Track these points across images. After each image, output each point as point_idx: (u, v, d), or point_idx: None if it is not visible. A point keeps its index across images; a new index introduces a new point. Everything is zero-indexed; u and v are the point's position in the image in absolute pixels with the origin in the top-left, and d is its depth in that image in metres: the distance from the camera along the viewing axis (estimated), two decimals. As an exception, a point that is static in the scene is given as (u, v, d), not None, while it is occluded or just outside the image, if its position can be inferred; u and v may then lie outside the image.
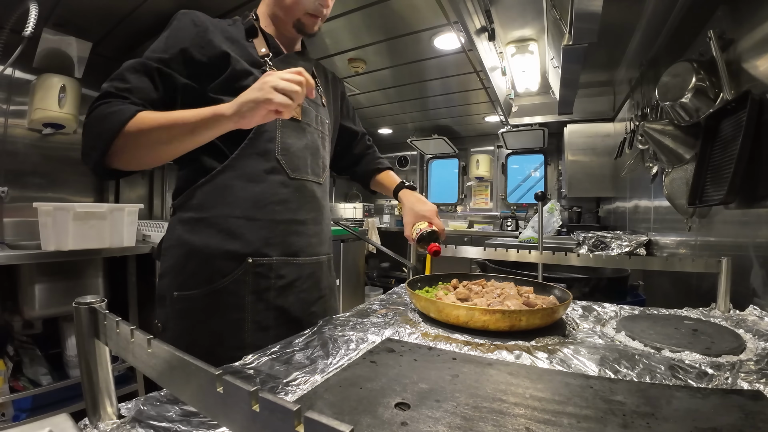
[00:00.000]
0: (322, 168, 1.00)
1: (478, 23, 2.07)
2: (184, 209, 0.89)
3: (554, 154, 4.58)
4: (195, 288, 0.85)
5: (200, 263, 0.85)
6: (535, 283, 1.00)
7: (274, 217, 0.89)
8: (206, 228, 0.86)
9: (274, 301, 0.89)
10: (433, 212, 1.07)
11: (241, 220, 0.86)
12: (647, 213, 2.16)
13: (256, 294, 0.86)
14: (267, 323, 0.88)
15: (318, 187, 0.98)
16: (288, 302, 0.91)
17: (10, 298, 1.89)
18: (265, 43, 0.92)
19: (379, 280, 4.86)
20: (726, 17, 1.24)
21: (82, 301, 0.39)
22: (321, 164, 1.00)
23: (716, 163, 1.23)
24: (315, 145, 0.97)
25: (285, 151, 0.89)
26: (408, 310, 0.92)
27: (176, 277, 0.87)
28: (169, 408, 0.45)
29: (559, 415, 0.44)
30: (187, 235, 0.87)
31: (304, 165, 0.93)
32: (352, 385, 0.51)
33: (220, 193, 0.86)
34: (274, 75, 0.68)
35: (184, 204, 0.89)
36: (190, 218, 0.87)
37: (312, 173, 0.96)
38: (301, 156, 0.93)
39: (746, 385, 0.52)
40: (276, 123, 0.88)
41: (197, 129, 0.72)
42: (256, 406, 0.23)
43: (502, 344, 0.68)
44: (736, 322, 0.82)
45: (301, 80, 0.68)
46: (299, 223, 0.93)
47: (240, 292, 0.85)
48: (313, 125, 0.98)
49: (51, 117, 2.17)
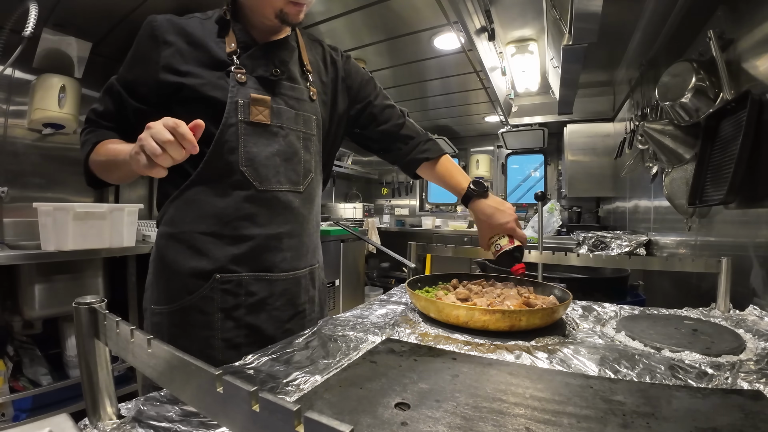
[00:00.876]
0: (302, 174, 0.91)
1: (478, 23, 2.07)
2: (162, 223, 0.88)
3: (554, 154, 4.58)
4: (166, 303, 0.84)
5: (170, 279, 0.84)
6: (535, 283, 1.00)
7: (241, 232, 0.84)
8: (176, 243, 0.85)
9: (244, 319, 0.85)
10: (513, 221, 0.95)
11: (207, 236, 0.83)
12: (647, 213, 2.17)
13: (225, 312, 0.83)
14: (238, 341, 0.84)
15: (296, 197, 0.90)
16: (260, 320, 0.86)
17: (10, 298, 1.89)
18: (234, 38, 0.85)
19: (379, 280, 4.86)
20: (726, 17, 1.24)
21: (82, 301, 0.39)
22: (300, 170, 0.91)
23: (716, 163, 1.23)
24: (291, 149, 0.88)
25: (249, 162, 0.83)
26: (408, 310, 0.92)
27: (153, 292, 0.87)
28: (169, 408, 0.45)
29: (559, 415, 0.44)
30: (162, 250, 0.87)
31: (274, 174, 0.86)
32: (352, 385, 0.51)
33: (188, 207, 0.84)
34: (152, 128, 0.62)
35: (161, 218, 0.88)
36: (164, 233, 0.87)
37: (287, 181, 0.88)
38: (269, 165, 0.85)
39: (746, 385, 0.52)
40: (238, 130, 0.82)
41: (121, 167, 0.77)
42: (256, 406, 0.23)
43: (502, 344, 0.68)
44: (736, 322, 0.82)
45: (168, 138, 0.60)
46: (271, 237, 0.87)
47: (207, 310, 0.83)
48: (289, 126, 0.88)
49: (51, 117, 2.17)
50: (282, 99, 0.88)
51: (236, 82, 0.82)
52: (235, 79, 0.82)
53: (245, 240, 0.84)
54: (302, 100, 0.91)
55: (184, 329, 0.83)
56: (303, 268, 0.94)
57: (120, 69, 0.87)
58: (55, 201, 2.08)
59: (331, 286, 3.40)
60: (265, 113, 0.84)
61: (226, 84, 0.82)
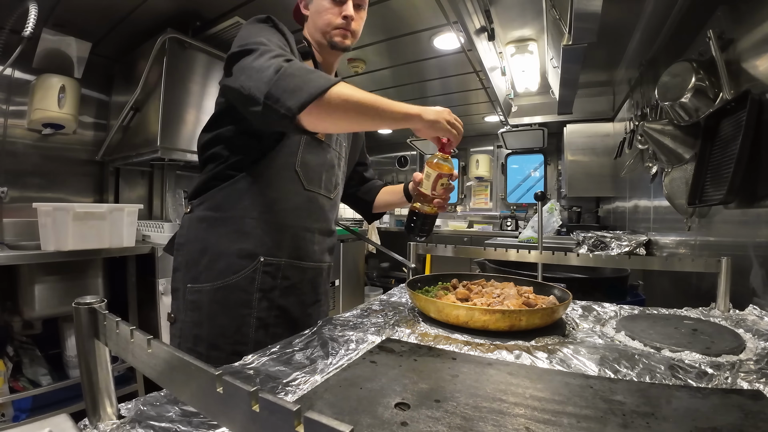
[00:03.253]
0: (334, 185, 1.07)
1: (477, 23, 2.07)
2: (202, 208, 0.95)
3: (554, 154, 4.58)
4: (207, 282, 0.90)
5: (213, 259, 0.91)
6: (534, 283, 1.00)
7: (286, 221, 0.95)
8: (222, 227, 0.92)
9: (277, 301, 0.94)
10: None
11: (256, 221, 0.92)
12: (647, 213, 2.17)
13: (263, 292, 0.92)
14: (268, 321, 0.93)
15: (327, 202, 1.05)
16: (289, 302, 0.97)
17: (9, 299, 1.89)
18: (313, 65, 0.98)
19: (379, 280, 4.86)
20: (725, 17, 1.24)
21: (82, 301, 0.39)
22: (334, 181, 1.07)
23: (716, 163, 1.23)
24: (331, 163, 1.04)
25: (304, 165, 0.96)
26: (408, 310, 0.92)
27: (189, 271, 0.93)
28: (169, 408, 0.45)
29: (558, 415, 0.44)
30: (203, 233, 0.93)
31: (318, 179, 1.00)
32: (352, 385, 0.51)
33: (239, 196, 0.92)
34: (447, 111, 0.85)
35: (202, 204, 0.95)
36: (208, 217, 0.93)
37: (324, 188, 1.03)
38: (317, 171, 1.00)
39: (746, 385, 0.52)
40: (300, 140, 0.94)
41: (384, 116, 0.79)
42: (256, 407, 0.23)
43: (501, 344, 0.68)
44: (735, 321, 0.82)
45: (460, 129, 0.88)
46: (308, 230, 1.00)
47: (249, 289, 0.91)
48: (333, 146, 1.05)
49: (50, 117, 2.16)
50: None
51: None
52: None
53: (287, 229, 0.96)
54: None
55: (224, 306, 0.90)
56: (325, 262, 1.08)
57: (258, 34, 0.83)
58: (54, 201, 2.08)
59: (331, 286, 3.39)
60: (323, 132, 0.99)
61: None
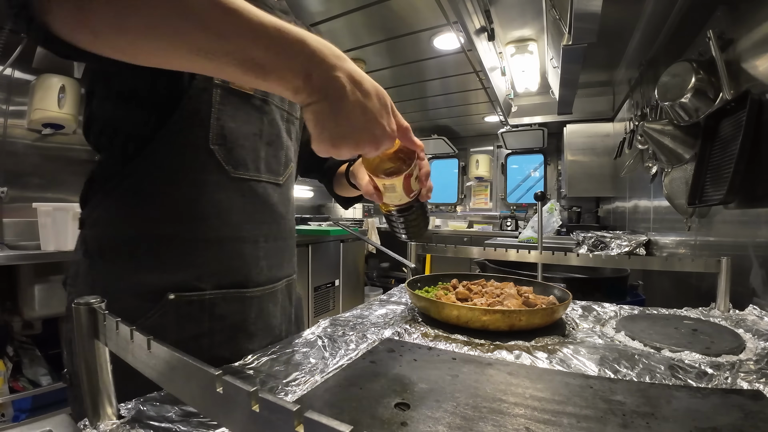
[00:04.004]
0: (283, 163, 0.73)
1: (477, 23, 2.07)
2: (88, 224, 0.64)
3: (554, 154, 4.58)
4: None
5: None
6: (534, 283, 1.00)
7: (206, 234, 0.63)
8: (111, 252, 0.61)
9: (210, 352, 0.63)
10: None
11: (157, 239, 0.61)
12: (647, 213, 2.17)
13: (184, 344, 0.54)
14: None
15: (275, 190, 0.72)
16: (233, 351, 0.64)
17: (9, 299, 1.89)
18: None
19: (379, 280, 4.86)
20: (725, 17, 1.24)
21: (82, 301, 0.39)
22: (282, 157, 0.73)
23: (716, 163, 1.23)
24: (275, 130, 0.70)
25: (222, 139, 0.63)
26: (408, 310, 0.92)
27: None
28: (169, 408, 0.45)
29: (558, 415, 0.44)
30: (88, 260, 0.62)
31: (254, 159, 0.67)
32: (352, 385, 0.51)
33: (129, 203, 0.61)
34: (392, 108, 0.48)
35: (88, 216, 0.64)
36: (96, 237, 0.63)
37: (266, 170, 0.70)
38: (248, 146, 0.66)
39: (746, 385, 0.52)
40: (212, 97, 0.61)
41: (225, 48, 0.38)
42: (256, 407, 0.23)
43: (501, 344, 0.68)
44: (735, 321, 0.82)
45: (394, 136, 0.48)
46: (245, 240, 0.67)
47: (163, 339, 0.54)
48: (275, 103, 0.70)
49: (50, 117, 2.16)
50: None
51: None
52: None
53: (211, 244, 0.63)
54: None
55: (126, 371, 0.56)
56: (281, 279, 0.77)
57: None
58: (54, 201, 2.07)
59: (330, 286, 3.40)
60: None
61: None
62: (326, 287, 3.35)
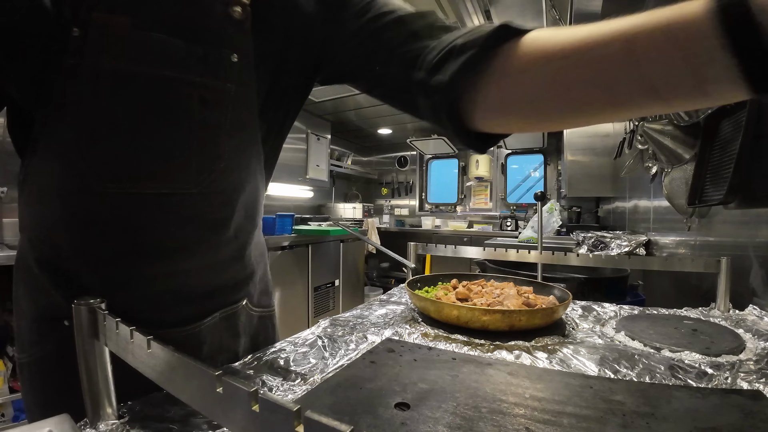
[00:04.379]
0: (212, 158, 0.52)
1: (477, 23, 2.07)
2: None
3: (553, 154, 4.59)
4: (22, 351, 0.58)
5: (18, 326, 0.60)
6: (534, 283, 1.00)
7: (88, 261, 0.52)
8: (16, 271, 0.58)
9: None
10: None
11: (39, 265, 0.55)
12: (647, 213, 2.17)
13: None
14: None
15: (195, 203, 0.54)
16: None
17: (9, 299, 1.88)
18: None
19: (379, 280, 4.87)
20: (725, 17, 1.24)
21: (82, 301, 0.39)
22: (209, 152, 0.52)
23: (716, 163, 1.23)
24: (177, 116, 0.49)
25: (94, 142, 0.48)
26: (408, 310, 0.92)
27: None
28: (169, 408, 0.45)
29: (558, 415, 0.44)
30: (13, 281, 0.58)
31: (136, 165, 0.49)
32: (352, 386, 0.51)
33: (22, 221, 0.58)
34: None
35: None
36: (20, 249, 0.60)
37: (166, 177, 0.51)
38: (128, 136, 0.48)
39: (746, 385, 0.52)
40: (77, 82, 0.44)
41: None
42: (256, 407, 0.23)
43: (501, 344, 0.68)
44: (735, 321, 0.82)
45: None
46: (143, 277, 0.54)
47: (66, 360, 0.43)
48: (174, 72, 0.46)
49: (50, 117, 2.16)
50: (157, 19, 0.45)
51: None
52: None
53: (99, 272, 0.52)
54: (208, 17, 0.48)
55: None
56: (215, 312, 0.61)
57: None
58: (54, 201, 2.07)
59: (330, 286, 3.40)
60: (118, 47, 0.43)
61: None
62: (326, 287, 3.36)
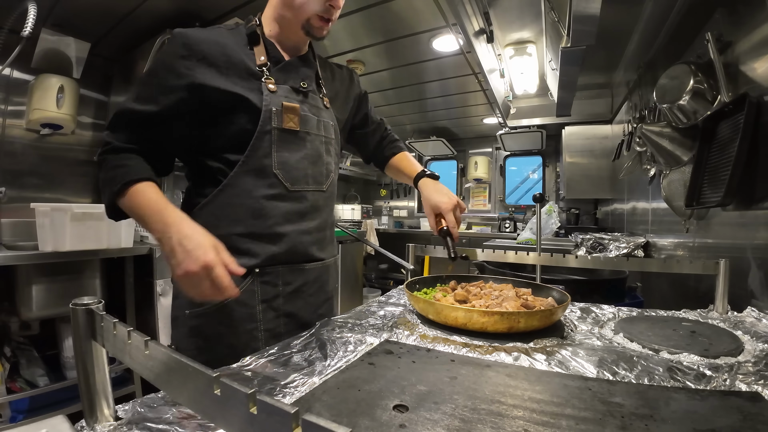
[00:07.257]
0: (325, 174, 1.00)
1: (476, 25, 2.08)
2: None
3: (552, 156, 4.59)
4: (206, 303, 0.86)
5: None
6: (533, 285, 1.00)
7: (276, 230, 0.90)
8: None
9: (283, 308, 0.92)
10: (450, 204, 1.02)
11: (245, 237, 0.88)
12: (645, 215, 2.17)
13: (266, 302, 0.90)
14: (278, 330, 0.91)
15: (320, 195, 0.99)
16: (296, 307, 0.94)
17: (7, 299, 1.88)
18: (265, 51, 0.92)
19: (378, 281, 4.86)
20: (724, 20, 1.25)
21: (80, 302, 0.39)
22: (324, 171, 1.00)
23: (714, 165, 1.23)
24: (316, 153, 0.97)
25: (282, 165, 0.90)
26: (406, 311, 0.92)
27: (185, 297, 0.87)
28: (167, 410, 0.44)
29: (557, 417, 0.44)
30: None
31: (303, 176, 0.94)
32: (350, 388, 0.50)
33: (222, 212, 0.88)
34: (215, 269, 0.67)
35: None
36: None
37: (313, 182, 0.96)
38: (299, 167, 0.93)
39: (744, 387, 0.52)
40: (272, 136, 0.89)
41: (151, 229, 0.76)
42: (254, 409, 0.23)
43: (500, 346, 0.68)
44: (734, 323, 0.82)
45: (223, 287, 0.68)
46: (302, 233, 0.94)
47: (251, 303, 0.88)
48: (315, 132, 0.97)
49: (49, 117, 2.16)
50: (306, 107, 0.95)
51: (268, 92, 0.88)
52: (267, 89, 0.88)
53: (280, 237, 0.91)
54: (320, 108, 0.99)
55: (228, 326, 0.87)
56: (329, 257, 1.04)
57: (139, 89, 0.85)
58: (52, 201, 2.07)
59: (329, 287, 3.39)
60: (295, 120, 0.91)
61: (260, 93, 0.87)
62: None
